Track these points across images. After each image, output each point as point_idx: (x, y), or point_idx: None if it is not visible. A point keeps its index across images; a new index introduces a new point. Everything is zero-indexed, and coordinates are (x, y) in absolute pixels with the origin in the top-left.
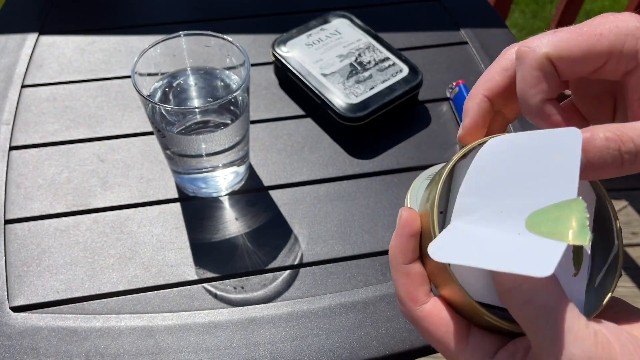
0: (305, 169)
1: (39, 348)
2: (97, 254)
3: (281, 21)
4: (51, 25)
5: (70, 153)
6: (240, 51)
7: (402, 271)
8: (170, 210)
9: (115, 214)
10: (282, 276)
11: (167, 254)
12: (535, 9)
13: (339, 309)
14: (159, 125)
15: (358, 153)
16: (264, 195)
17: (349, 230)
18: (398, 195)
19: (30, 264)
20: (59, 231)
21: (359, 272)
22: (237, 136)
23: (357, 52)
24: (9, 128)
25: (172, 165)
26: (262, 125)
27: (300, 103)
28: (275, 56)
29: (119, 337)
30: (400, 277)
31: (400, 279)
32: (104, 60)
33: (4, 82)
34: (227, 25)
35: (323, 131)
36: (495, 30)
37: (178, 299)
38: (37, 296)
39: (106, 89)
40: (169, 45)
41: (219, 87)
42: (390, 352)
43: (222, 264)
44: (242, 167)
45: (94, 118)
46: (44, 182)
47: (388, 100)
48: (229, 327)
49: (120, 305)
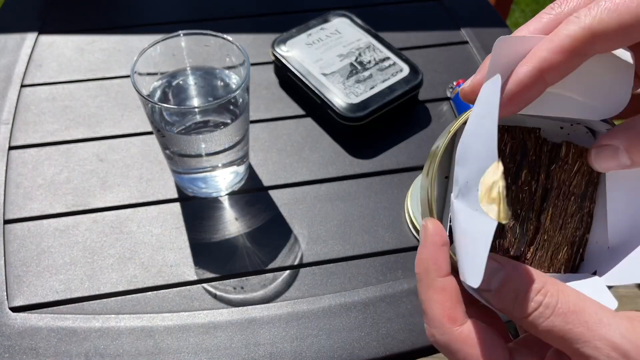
0: (305, 169)
1: (38, 348)
2: (97, 254)
3: (281, 20)
4: (51, 24)
5: (69, 153)
6: (240, 51)
7: (437, 286)
8: (169, 210)
9: (115, 214)
10: (282, 276)
11: (166, 254)
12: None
13: (339, 309)
14: (159, 125)
15: (358, 153)
16: (263, 195)
17: (349, 230)
18: (398, 195)
19: (30, 264)
20: (59, 231)
21: (359, 272)
22: (237, 136)
23: (357, 51)
24: (8, 128)
25: (172, 165)
26: (262, 125)
27: (300, 103)
28: (275, 56)
29: (119, 338)
30: (435, 293)
31: (435, 296)
32: (104, 60)
33: (4, 82)
34: (226, 24)
35: (323, 131)
36: (495, 29)
37: (178, 299)
38: (36, 296)
39: (106, 89)
40: (168, 45)
41: (218, 86)
42: (391, 353)
43: (222, 264)
44: (241, 167)
45: (94, 118)
46: (43, 182)
47: (388, 100)
48: (228, 328)
49: (119, 305)
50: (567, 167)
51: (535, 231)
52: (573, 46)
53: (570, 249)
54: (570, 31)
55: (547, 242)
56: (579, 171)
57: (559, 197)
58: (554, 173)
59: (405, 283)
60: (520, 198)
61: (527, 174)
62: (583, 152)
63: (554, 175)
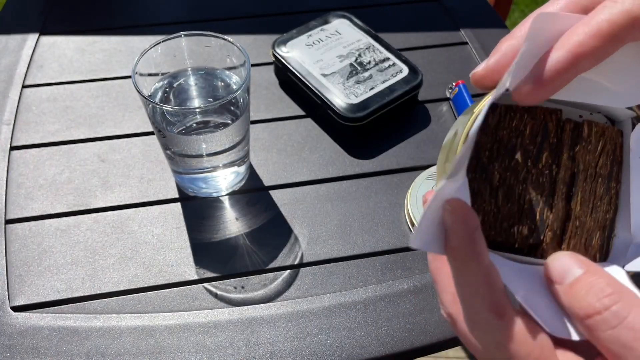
0: (305, 169)
1: (39, 348)
2: (98, 253)
3: (281, 21)
4: (52, 25)
5: (71, 153)
6: (241, 51)
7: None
8: (170, 210)
9: (116, 213)
10: (282, 276)
11: (167, 253)
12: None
13: (339, 309)
14: (160, 125)
15: (358, 153)
16: (264, 195)
17: (349, 230)
18: (398, 195)
19: (31, 264)
20: (60, 231)
21: (359, 272)
22: (237, 136)
23: (357, 52)
24: (9, 128)
25: (173, 165)
26: (262, 125)
27: (301, 103)
28: (275, 56)
29: (120, 337)
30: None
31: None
32: (105, 61)
33: (5, 82)
34: (227, 25)
35: (323, 131)
36: (495, 30)
37: (178, 298)
38: (37, 296)
39: (107, 89)
40: (169, 46)
41: (219, 87)
42: (390, 352)
43: (223, 263)
44: (242, 167)
45: (95, 118)
46: (44, 182)
47: (388, 101)
48: (229, 327)
49: (120, 305)
50: (591, 147)
51: (566, 218)
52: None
53: (602, 234)
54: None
55: (579, 229)
56: (603, 151)
57: (586, 179)
58: (578, 155)
59: (405, 282)
60: (540, 182)
61: (548, 157)
62: (605, 131)
63: (578, 157)
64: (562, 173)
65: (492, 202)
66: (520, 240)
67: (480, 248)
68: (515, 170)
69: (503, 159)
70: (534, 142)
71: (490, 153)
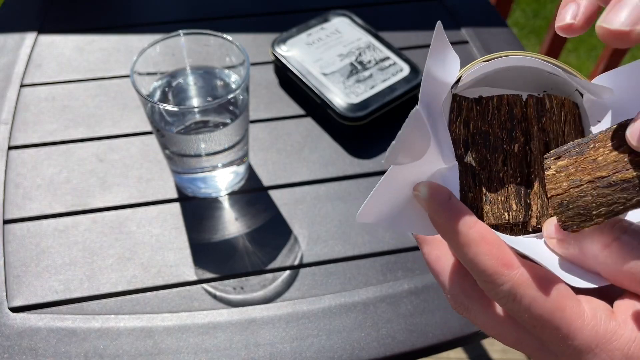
0: (305, 169)
1: (37, 349)
2: (96, 254)
3: (281, 20)
4: (50, 24)
5: (69, 153)
6: (240, 50)
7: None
8: (169, 210)
9: (114, 214)
10: (282, 276)
11: (166, 254)
12: (537, 8)
13: (339, 310)
14: (158, 124)
15: (358, 153)
16: (263, 195)
17: (349, 230)
18: None
19: (29, 264)
20: (58, 231)
21: (359, 273)
22: (236, 136)
23: (358, 51)
24: (7, 128)
25: (172, 165)
26: (261, 124)
27: (300, 102)
28: (275, 55)
29: (118, 338)
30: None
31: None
32: (103, 60)
33: (3, 82)
34: (226, 24)
35: (323, 131)
36: (496, 29)
37: (177, 299)
38: (35, 296)
39: (105, 89)
40: (168, 45)
41: (218, 86)
42: (391, 353)
43: (222, 264)
44: (241, 167)
45: (93, 118)
46: (42, 182)
47: (388, 100)
48: (228, 328)
49: (119, 305)
50: (555, 117)
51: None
52: None
53: None
54: None
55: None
56: (566, 120)
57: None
58: (546, 125)
59: (406, 283)
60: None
61: (520, 134)
62: (564, 102)
63: (547, 127)
64: (535, 144)
65: (477, 189)
66: (512, 217)
67: (463, 214)
68: (493, 154)
69: (479, 147)
70: (504, 124)
71: (466, 144)
